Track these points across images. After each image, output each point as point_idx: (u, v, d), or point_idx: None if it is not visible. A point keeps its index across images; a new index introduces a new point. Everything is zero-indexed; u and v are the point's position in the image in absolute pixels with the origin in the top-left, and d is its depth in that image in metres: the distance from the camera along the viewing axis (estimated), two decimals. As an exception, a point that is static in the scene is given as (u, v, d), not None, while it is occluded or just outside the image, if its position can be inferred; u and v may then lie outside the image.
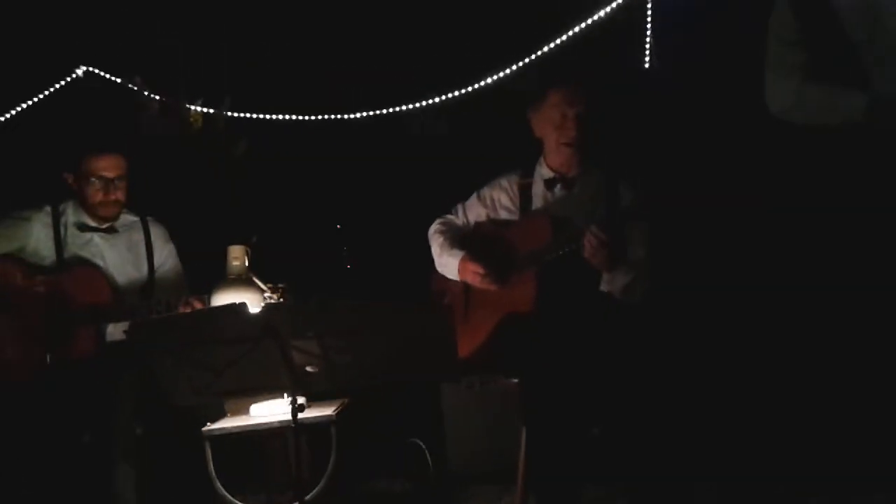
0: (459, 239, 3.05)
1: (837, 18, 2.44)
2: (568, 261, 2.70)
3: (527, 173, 3.03)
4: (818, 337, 2.86)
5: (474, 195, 3.12)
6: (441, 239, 3.06)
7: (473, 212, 3.11)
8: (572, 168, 2.93)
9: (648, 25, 3.66)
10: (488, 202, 3.07)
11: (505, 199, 3.04)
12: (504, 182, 3.06)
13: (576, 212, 2.82)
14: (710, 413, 2.86)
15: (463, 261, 2.94)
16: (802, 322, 2.92)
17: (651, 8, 3.66)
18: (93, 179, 3.12)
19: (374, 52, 3.84)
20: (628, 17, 3.67)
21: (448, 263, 3.00)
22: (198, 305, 2.95)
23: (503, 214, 3.04)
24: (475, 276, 2.90)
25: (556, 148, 2.92)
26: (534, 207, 2.97)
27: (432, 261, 3.10)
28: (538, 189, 2.98)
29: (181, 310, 2.95)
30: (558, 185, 2.94)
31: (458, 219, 3.15)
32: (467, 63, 3.80)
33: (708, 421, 2.82)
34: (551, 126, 2.89)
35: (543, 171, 2.98)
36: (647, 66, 3.64)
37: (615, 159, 2.94)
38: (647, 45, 3.66)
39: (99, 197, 3.15)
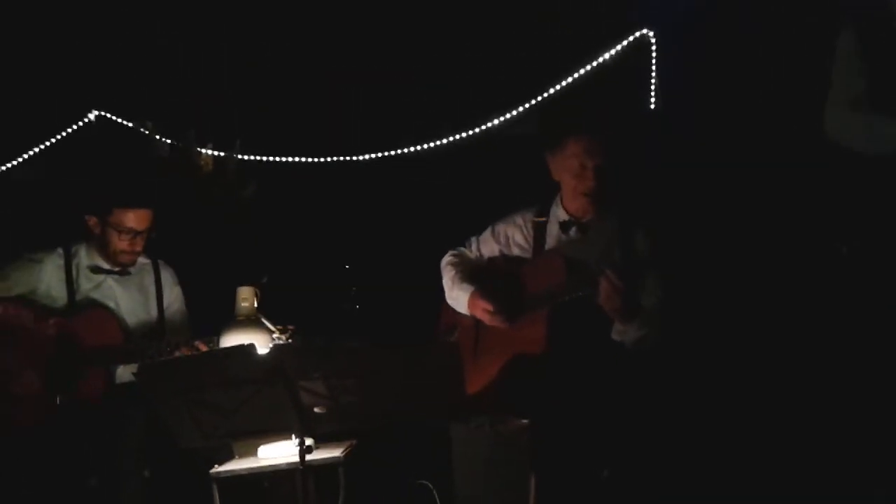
0: (471, 273, 3.05)
1: None
2: (579, 304, 2.70)
3: (542, 211, 3.01)
4: (829, 382, 2.83)
5: (489, 229, 3.11)
6: (453, 272, 3.06)
7: (487, 247, 3.11)
8: (588, 213, 2.92)
9: (654, 67, 3.69)
10: (502, 238, 3.06)
11: (519, 237, 3.03)
12: (519, 219, 3.05)
13: (590, 256, 2.81)
14: (721, 456, 2.83)
15: (473, 296, 2.94)
16: (812, 366, 2.89)
17: (656, 49, 3.69)
18: (121, 231, 3.14)
19: (382, 93, 3.89)
20: (634, 59, 3.71)
21: (459, 297, 3.00)
22: (203, 348, 2.96)
23: (516, 251, 3.03)
24: (484, 313, 2.89)
25: (573, 195, 2.90)
26: (547, 247, 2.96)
27: (441, 300, 3.10)
28: (553, 230, 2.97)
29: (184, 352, 2.96)
30: (574, 228, 2.92)
31: (471, 252, 3.15)
32: (473, 105, 3.84)
33: (718, 464, 2.79)
34: (569, 174, 2.87)
35: (559, 213, 2.97)
36: (653, 107, 3.67)
37: (630, 205, 2.94)
38: (653, 87, 3.70)
39: (123, 246, 3.16)
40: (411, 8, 3.85)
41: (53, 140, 4.03)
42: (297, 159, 4.05)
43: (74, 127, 4.03)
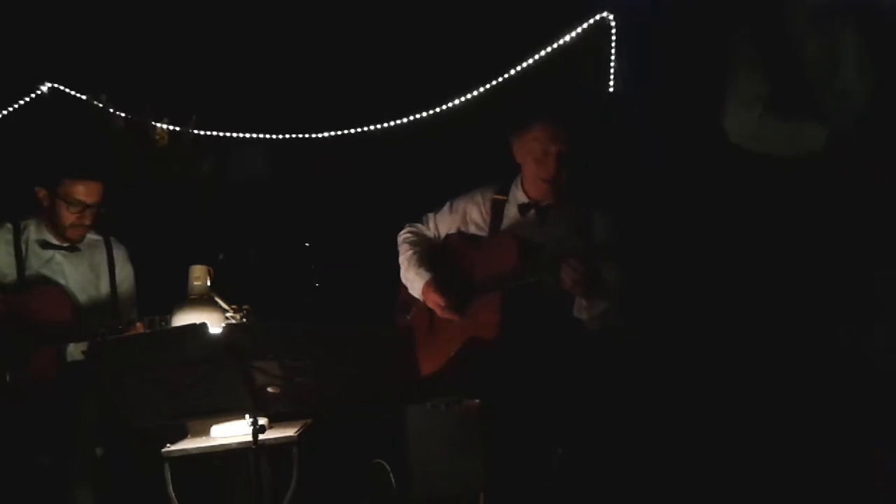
0: (428, 254, 3.05)
1: (798, 52, 2.51)
2: (531, 290, 2.72)
3: (502, 190, 3.03)
4: (782, 368, 2.87)
5: (447, 205, 3.12)
6: (410, 252, 3.06)
7: (444, 223, 3.11)
8: (548, 198, 2.93)
9: (613, 49, 3.70)
10: (459, 214, 3.07)
11: (475, 214, 3.04)
12: (478, 197, 3.06)
13: (546, 240, 2.83)
14: (674, 438, 2.87)
15: (427, 285, 2.95)
16: (769, 352, 2.92)
17: (616, 31, 3.70)
18: (70, 203, 3.09)
19: (342, 73, 3.86)
20: (593, 41, 3.71)
21: (413, 281, 3.01)
22: (140, 329, 2.94)
23: (472, 229, 3.05)
24: (436, 305, 2.92)
25: (533, 180, 2.92)
26: (503, 228, 2.98)
27: (399, 277, 3.10)
28: (511, 210, 2.98)
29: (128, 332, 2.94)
30: (532, 211, 2.94)
31: (428, 230, 3.15)
32: (434, 84, 3.82)
33: (671, 446, 2.83)
34: (531, 158, 2.89)
35: (519, 195, 2.98)
36: (611, 90, 3.68)
37: (591, 191, 2.95)
38: (612, 69, 3.70)
39: (72, 220, 3.12)
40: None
41: (5, 112, 3.93)
42: (254, 136, 4.01)
43: (27, 98, 3.94)
